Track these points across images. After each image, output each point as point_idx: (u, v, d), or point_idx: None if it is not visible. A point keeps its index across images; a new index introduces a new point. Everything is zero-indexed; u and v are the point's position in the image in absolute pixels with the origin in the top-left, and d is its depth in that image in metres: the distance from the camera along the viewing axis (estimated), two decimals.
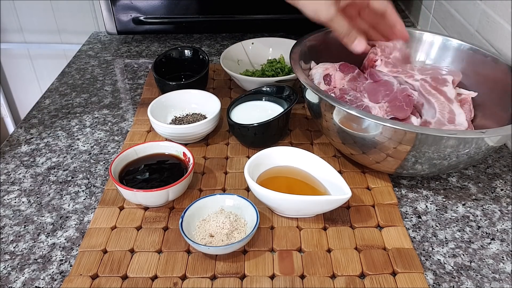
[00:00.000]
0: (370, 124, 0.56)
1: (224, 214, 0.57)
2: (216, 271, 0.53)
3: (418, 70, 0.72)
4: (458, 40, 0.73)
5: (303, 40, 0.72)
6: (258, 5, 1.02)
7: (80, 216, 0.61)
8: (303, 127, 0.77)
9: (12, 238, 0.58)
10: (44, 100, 0.88)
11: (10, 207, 0.63)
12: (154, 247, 0.56)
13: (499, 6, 0.73)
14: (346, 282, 0.51)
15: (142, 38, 1.12)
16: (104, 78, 0.95)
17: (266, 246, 0.56)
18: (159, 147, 0.66)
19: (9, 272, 0.54)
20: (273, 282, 0.52)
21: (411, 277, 0.52)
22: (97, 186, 0.67)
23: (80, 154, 0.73)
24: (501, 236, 0.58)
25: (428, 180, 0.67)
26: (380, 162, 0.61)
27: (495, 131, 0.54)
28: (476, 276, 0.53)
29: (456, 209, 0.62)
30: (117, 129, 0.79)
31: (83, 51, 1.07)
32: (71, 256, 0.56)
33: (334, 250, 0.55)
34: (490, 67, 0.68)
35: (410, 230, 0.59)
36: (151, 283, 0.52)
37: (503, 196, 0.64)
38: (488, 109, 0.67)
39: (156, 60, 0.84)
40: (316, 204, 0.57)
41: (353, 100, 0.66)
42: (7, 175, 0.69)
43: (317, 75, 0.72)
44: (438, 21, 1.00)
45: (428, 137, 0.53)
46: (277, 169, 0.64)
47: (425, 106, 0.68)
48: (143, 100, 0.85)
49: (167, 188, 0.58)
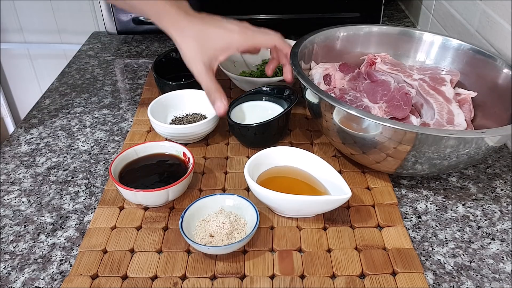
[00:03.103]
0: (370, 124, 0.56)
1: (224, 214, 0.57)
2: (216, 271, 0.53)
3: (416, 70, 0.72)
4: (458, 40, 0.73)
5: (303, 40, 0.72)
6: (258, 5, 1.02)
7: (80, 216, 0.62)
8: (303, 127, 0.77)
9: (12, 238, 0.58)
10: (44, 100, 0.88)
11: (10, 207, 0.63)
12: (154, 247, 0.56)
13: (499, 6, 0.73)
14: (346, 282, 0.51)
15: (142, 38, 1.12)
16: (104, 78, 0.95)
17: (266, 246, 0.56)
18: (159, 147, 0.66)
19: (9, 272, 0.54)
20: (273, 282, 0.51)
21: (411, 277, 0.52)
22: (97, 186, 0.67)
23: (80, 154, 0.73)
24: (501, 236, 0.58)
25: (428, 180, 0.67)
26: (380, 162, 0.61)
27: (495, 131, 0.54)
28: (476, 276, 0.53)
29: (456, 209, 0.62)
30: (117, 129, 0.79)
31: (83, 51, 1.08)
32: (71, 256, 0.56)
33: (334, 250, 0.55)
34: (490, 67, 0.68)
35: (410, 230, 0.59)
36: (151, 283, 0.52)
37: (503, 196, 0.64)
38: (488, 109, 0.67)
39: (156, 60, 0.84)
40: (316, 204, 0.57)
41: (353, 100, 0.66)
42: (7, 175, 0.69)
43: (317, 75, 0.72)
44: (438, 21, 1.00)
45: (428, 137, 0.53)
46: (277, 169, 0.64)
47: (424, 107, 0.68)
48: (143, 100, 0.85)
49: (167, 188, 0.58)
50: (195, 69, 0.66)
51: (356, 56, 0.79)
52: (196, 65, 0.66)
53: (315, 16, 1.03)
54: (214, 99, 0.67)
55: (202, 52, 0.65)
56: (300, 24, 1.04)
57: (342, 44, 0.78)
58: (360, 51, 0.79)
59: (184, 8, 0.66)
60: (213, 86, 0.66)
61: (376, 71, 0.71)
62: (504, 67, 0.66)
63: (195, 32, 0.65)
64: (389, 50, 0.78)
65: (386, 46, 0.78)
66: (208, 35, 0.65)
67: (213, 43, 0.66)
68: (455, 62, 0.74)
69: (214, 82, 0.66)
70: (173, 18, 0.65)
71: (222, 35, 0.66)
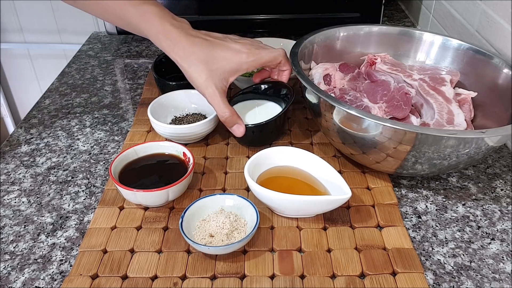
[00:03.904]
0: (370, 124, 0.56)
1: (224, 214, 0.57)
2: (216, 271, 0.53)
3: (416, 70, 0.72)
4: (458, 40, 0.73)
5: (303, 40, 0.72)
6: (258, 5, 1.02)
7: (80, 216, 0.62)
8: (303, 127, 0.77)
9: (12, 238, 0.58)
10: (44, 100, 0.88)
11: (10, 207, 0.63)
12: (154, 247, 0.56)
13: (499, 6, 0.73)
14: (346, 282, 0.51)
15: (142, 38, 1.12)
16: (104, 78, 0.95)
17: (266, 246, 0.56)
18: (159, 147, 0.66)
19: (9, 272, 0.54)
20: (273, 282, 0.51)
21: (411, 277, 0.52)
22: (97, 186, 0.67)
23: (80, 154, 0.73)
24: (501, 236, 0.58)
25: (428, 180, 0.67)
26: (380, 162, 0.61)
27: (495, 131, 0.54)
28: (476, 276, 0.53)
29: (456, 209, 0.62)
30: (117, 129, 0.79)
31: (83, 51, 1.08)
32: (71, 256, 0.56)
33: (334, 250, 0.55)
34: (490, 67, 0.68)
35: (410, 230, 0.59)
36: (151, 283, 0.52)
37: (503, 196, 0.64)
38: (488, 109, 0.67)
39: (156, 60, 0.84)
40: (316, 204, 0.57)
41: (353, 100, 0.66)
42: (7, 175, 0.69)
43: (317, 75, 0.72)
44: (438, 21, 1.00)
45: (428, 137, 0.53)
46: (277, 169, 0.64)
47: (424, 107, 0.68)
48: (143, 100, 0.85)
49: (167, 188, 0.58)
50: (207, 93, 0.64)
51: (356, 56, 0.79)
52: (208, 89, 0.64)
53: (315, 16, 1.03)
54: (231, 124, 0.67)
55: (212, 75, 0.64)
56: (300, 24, 1.04)
57: (342, 44, 0.78)
58: (360, 51, 0.79)
59: (185, 29, 0.64)
60: (228, 111, 0.65)
61: (376, 71, 0.71)
62: (504, 67, 0.66)
63: (202, 57, 0.63)
64: (389, 50, 0.78)
65: (386, 46, 0.78)
66: (216, 57, 0.64)
67: (222, 66, 0.64)
68: (455, 62, 0.74)
69: (227, 106, 0.65)
70: (174, 40, 0.63)
71: (230, 57, 0.65)
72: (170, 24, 0.63)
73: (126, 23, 0.66)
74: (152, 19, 0.63)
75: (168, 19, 0.64)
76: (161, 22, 0.63)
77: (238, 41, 0.67)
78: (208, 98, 0.65)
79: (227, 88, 0.66)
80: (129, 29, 0.68)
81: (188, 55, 0.63)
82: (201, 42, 0.64)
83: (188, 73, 0.65)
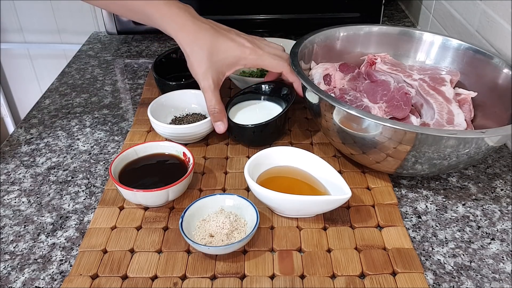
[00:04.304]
0: (370, 124, 0.56)
1: (224, 214, 0.57)
2: (216, 271, 0.53)
3: (416, 70, 0.72)
4: (458, 40, 0.73)
5: (303, 40, 0.72)
6: (258, 5, 1.02)
7: (80, 216, 0.62)
8: (303, 127, 0.77)
9: (12, 238, 0.58)
10: (44, 100, 0.88)
11: (10, 207, 0.63)
12: (154, 247, 0.56)
13: (499, 6, 0.73)
14: (346, 282, 0.51)
15: (142, 38, 1.12)
16: (104, 78, 0.95)
17: (266, 246, 0.56)
18: (159, 147, 0.66)
19: (9, 272, 0.54)
20: (273, 282, 0.51)
21: (411, 277, 0.52)
22: (97, 186, 0.67)
23: (80, 154, 0.73)
24: (501, 236, 0.58)
25: (428, 180, 0.67)
26: (380, 162, 0.61)
27: (495, 131, 0.54)
28: (476, 276, 0.53)
29: (456, 209, 0.62)
30: (117, 129, 0.79)
31: (83, 51, 1.08)
32: (71, 256, 0.56)
33: (334, 250, 0.55)
34: (490, 67, 0.68)
35: (410, 230, 0.59)
36: (151, 283, 0.52)
37: (503, 196, 0.64)
38: (488, 109, 0.67)
39: (156, 60, 0.84)
40: (316, 204, 0.57)
41: (353, 100, 0.66)
42: (7, 175, 0.69)
43: (317, 75, 0.72)
44: (438, 21, 1.00)
45: (428, 137, 0.53)
46: (277, 169, 0.64)
47: (424, 107, 0.68)
48: (143, 100, 0.85)
49: (167, 188, 0.58)
50: (203, 84, 0.65)
51: (356, 56, 0.79)
52: (204, 81, 0.64)
53: (315, 16, 1.03)
54: (217, 120, 0.67)
55: (212, 66, 0.63)
56: (300, 24, 1.04)
57: (342, 44, 0.78)
58: (360, 51, 0.79)
59: (192, 13, 0.64)
60: (218, 107, 0.65)
61: (376, 71, 0.71)
62: (504, 67, 0.66)
63: (206, 45, 0.63)
64: (389, 50, 0.78)
65: (386, 46, 0.78)
66: (219, 48, 0.63)
67: (223, 57, 0.63)
68: (455, 62, 0.74)
69: (219, 102, 0.65)
70: (180, 23, 0.62)
71: (233, 49, 0.64)
72: (176, 7, 0.63)
73: (129, 9, 0.65)
74: (157, 3, 0.63)
75: (175, 2, 0.64)
76: (168, 5, 0.62)
77: (244, 36, 0.67)
78: (203, 90, 0.66)
79: (221, 83, 0.67)
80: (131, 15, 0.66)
81: (192, 41, 0.63)
82: (207, 29, 0.63)
83: (190, 60, 0.65)
